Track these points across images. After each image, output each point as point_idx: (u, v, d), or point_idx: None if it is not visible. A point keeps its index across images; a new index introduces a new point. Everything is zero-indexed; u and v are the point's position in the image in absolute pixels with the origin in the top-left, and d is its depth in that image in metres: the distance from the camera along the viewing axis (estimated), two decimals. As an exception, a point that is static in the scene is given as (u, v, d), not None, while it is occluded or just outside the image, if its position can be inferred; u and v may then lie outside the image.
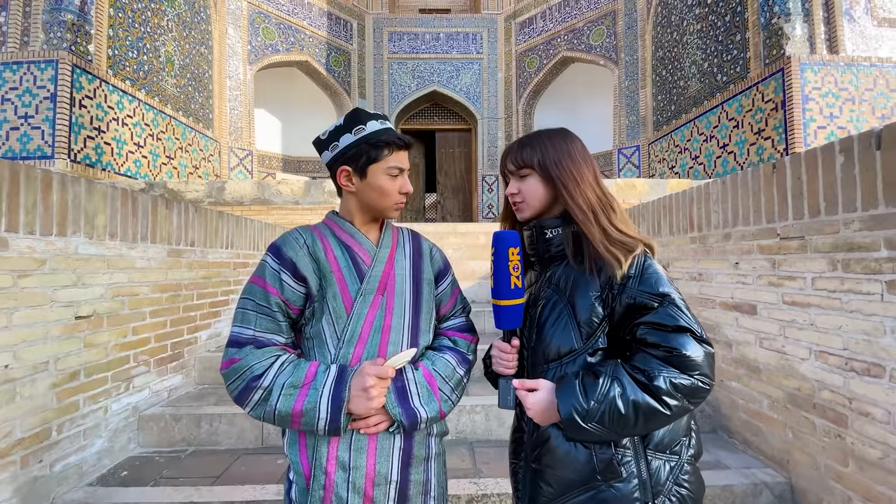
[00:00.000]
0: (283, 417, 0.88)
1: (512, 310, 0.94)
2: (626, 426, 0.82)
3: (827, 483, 1.70)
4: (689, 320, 0.84)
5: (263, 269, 0.98)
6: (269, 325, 0.95)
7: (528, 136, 1.04)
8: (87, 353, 1.98)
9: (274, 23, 9.90)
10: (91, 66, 6.16)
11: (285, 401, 0.88)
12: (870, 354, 1.52)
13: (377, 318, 0.99)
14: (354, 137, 1.00)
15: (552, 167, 0.97)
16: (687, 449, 0.91)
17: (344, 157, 1.01)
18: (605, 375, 0.84)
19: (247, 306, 0.96)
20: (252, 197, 5.95)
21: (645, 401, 0.80)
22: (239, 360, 0.91)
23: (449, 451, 2.18)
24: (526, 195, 1.01)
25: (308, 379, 0.90)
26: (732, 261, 2.20)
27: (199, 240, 2.79)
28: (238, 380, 0.90)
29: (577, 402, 0.82)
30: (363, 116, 1.02)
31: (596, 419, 0.81)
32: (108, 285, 2.07)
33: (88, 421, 2.00)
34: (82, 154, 6.02)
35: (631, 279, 0.88)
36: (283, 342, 0.97)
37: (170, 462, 2.15)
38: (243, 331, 0.94)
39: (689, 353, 0.81)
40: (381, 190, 1.02)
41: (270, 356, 0.92)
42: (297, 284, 0.97)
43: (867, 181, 1.51)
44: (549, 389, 0.87)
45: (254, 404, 0.89)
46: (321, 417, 0.88)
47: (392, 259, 1.05)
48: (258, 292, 0.96)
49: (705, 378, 0.82)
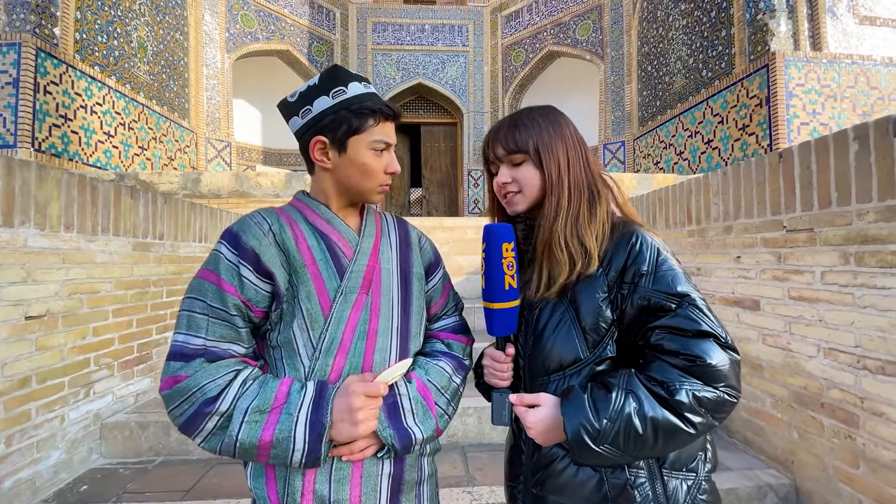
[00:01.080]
0: (248, 450, 0.70)
1: (506, 313, 0.82)
2: (643, 448, 0.70)
3: (835, 485, 1.63)
4: (713, 324, 0.73)
5: (217, 261, 0.77)
6: (225, 333, 0.75)
7: (519, 114, 0.90)
8: (39, 356, 1.79)
9: (253, 10, 9.57)
10: (57, 51, 5.83)
11: (250, 430, 0.69)
12: (884, 352, 1.45)
13: (361, 322, 0.81)
14: (332, 101, 0.82)
15: (545, 152, 0.84)
16: (704, 464, 0.80)
17: (318, 125, 0.83)
18: (618, 388, 0.72)
19: (195, 308, 0.75)
20: (230, 189, 5.70)
21: (665, 418, 0.68)
22: (186, 377, 0.71)
23: (441, 456, 2.06)
24: (523, 184, 0.86)
25: (279, 401, 0.71)
26: (734, 254, 2.12)
27: (169, 232, 2.59)
28: (185, 404, 0.70)
29: (587, 421, 0.69)
30: (344, 76, 0.85)
31: (609, 440, 0.69)
32: (63, 282, 1.88)
33: (42, 431, 1.81)
34: (47, 143, 5.69)
35: (644, 276, 0.76)
36: (243, 353, 0.78)
37: (136, 474, 1.97)
38: (191, 339, 0.73)
39: (714, 363, 0.70)
40: (363, 168, 0.84)
41: (228, 372, 0.73)
42: (260, 281, 0.78)
43: (884, 170, 1.43)
44: (552, 405, 0.75)
45: (207, 434, 0.70)
46: (297, 449, 0.70)
47: (377, 250, 0.88)
48: (210, 291, 0.76)
49: (732, 390, 0.71)
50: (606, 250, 0.80)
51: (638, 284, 0.76)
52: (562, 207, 0.82)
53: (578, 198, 0.83)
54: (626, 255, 0.78)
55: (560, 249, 0.80)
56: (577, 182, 0.84)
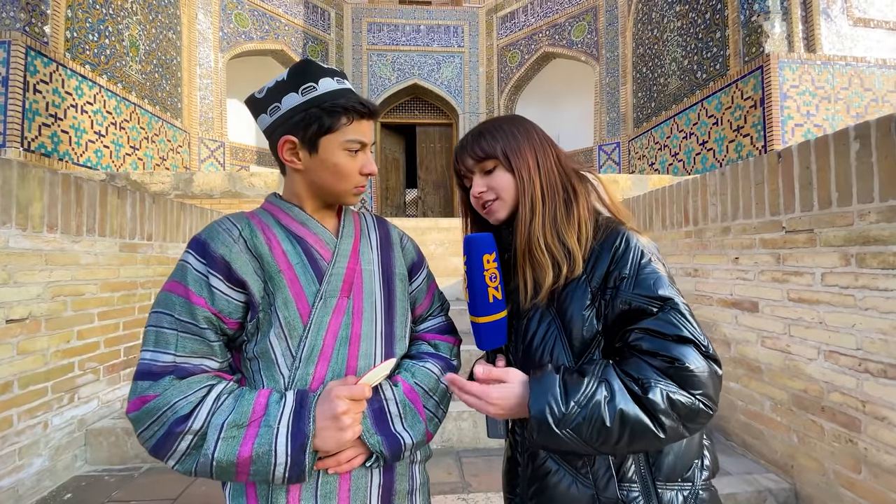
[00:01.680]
0: (225, 468, 0.65)
1: (494, 326, 0.78)
2: (605, 441, 0.65)
3: (836, 490, 1.61)
4: (694, 331, 0.69)
5: (184, 271, 0.72)
6: (197, 347, 0.70)
7: (483, 124, 0.87)
8: (21, 361, 1.73)
9: (247, 9, 9.51)
10: (47, 49, 5.75)
11: (227, 446, 0.64)
12: (886, 354, 1.42)
13: (343, 327, 0.77)
14: (302, 99, 0.77)
15: (513, 156, 0.82)
16: (701, 472, 0.76)
17: (287, 123, 0.78)
18: (592, 376, 0.68)
19: (162, 323, 0.70)
20: (222, 190, 5.63)
21: (636, 414, 0.64)
22: (155, 396, 0.66)
23: (435, 462, 2.02)
24: (498, 190, 0.83)
25: (257, 413, 0.67)
26: (732, 255, 2.09)
27: (158, 233, 2.54)
28: (155, 424, 0.65)
29: (555, 402, 0.65)
30: (314, 71, 0.79)
31: (572, 425, 0.64)
32: (46, 284, 1.83)
33: (24, 438, 1.76)
34: (37, 142, 5.61)
35: (625, 280, 0.73)
36: (217, 367, 0.73)
37: (121, 482, 1.92)
38: (159, 357, 0.68)
39: (693, 368, 0.66)
40: (335, 169, 0.79)
41: (200, 388, 0.68)
42: (232, 291, 0.73)
43: (886, 169, 1.40)
44: (520, 383, 0.71)
45: (180, 455, 0.65)
46: (279, 463, 0.65)
47: (357, 251, 0.84)
48: (178, 304, 0.71)
49: (709, 401, 0.67)
50: (591, 253, 0.77)
51: (619, 288, 0.73)
52: (536, 208, 0.79)
53: (553, 197, 0.80)
54: (609, 258, 0.75)
55: (541, 252, 0.76)
56: (549, 181, 0.81)
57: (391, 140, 11.72)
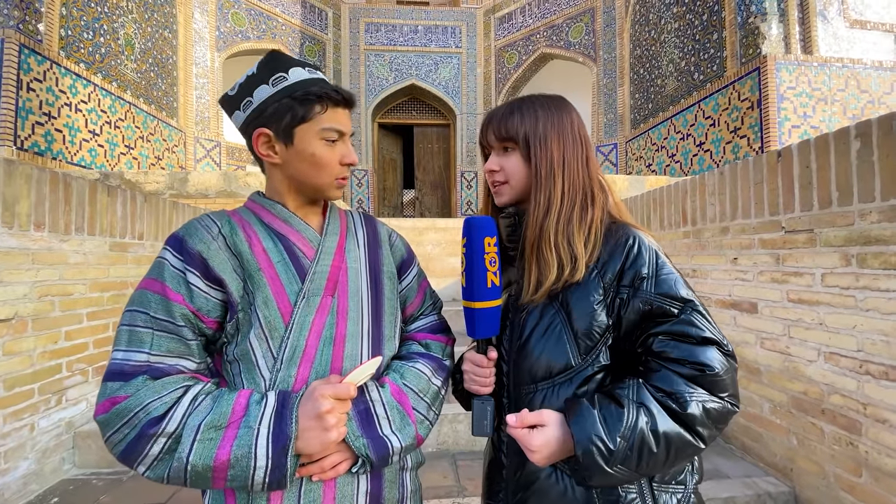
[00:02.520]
0: (201, 473, 0.61)
1: (488, 313, 0.75)
2: (654, 466, 0.65)
3: (836, 494, 1.58)
4: (715, 330, 0.70)
5: (161, 268, 0.69)
6: (173, 346, 0.67)
7: (519, 101, 0.84)
8: (7, 362, 1.69)
9: (244, 8, 9.47)
10: (41, 47, 5.71)
11: (203, 449, 0.60)
12: (888, 356, 1.40)
13: (327, 327, 0.74)
14: (273, 90, 0.75)
15: (536, 145, 0.78)
16: (692, 476, 0.76)
17: (261, 116, 0.76)
18: (629, 402, 0.66)
19: (136, 322, 0.66)
20: (218, 189, 5.59)
21: (678, 433, 0.64)
22: (126, 397, 0.62)
23: (430, 465, 1.98)
24: (509, 174, 0.81)
25: (237, 414, 0.63)
26: (730, 256, 2.07)
27: (150, 232, 2.50)
28: (125, 427, 0.61)
29: (600, 441, 0.63)
30: (285, 61, 0.77)
31: (621, 461, 0.63)
32: (33, 283, 1.79)
33: (10, 441, 1.71)
34: (30, 141, 5.55)
35: (645, 280, 0.72)
36: (193, 369, 0.69)
37: (109, 485, 1.88)
38: (132, 356, 0.64)
39: (719, 371, 0.66)
40: (314, 160, 0.76)
41: (176, 388, 0.64)
42: (210, 289, 0.70)
43: (888, 168, 1.39)
44: (556, 423, 0.68)
45: (152, 460, 0.61)
46: (259, 466, 0.61)
47: (342, 249, 0.81)
48: (154, 301, 0.67)
49: (734, 399, 0.68)
50: (601, 252, 0.75)
51: (639, 288, 0.71)
52: (553, 205, 0.76)
53: (573, 198, 0.78)
54: (623, 257, 0.73)
55: (550, 250, 0.74)
56: (572, 181, 0.78)
57: (389, 140, 11.69)
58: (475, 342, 0.80)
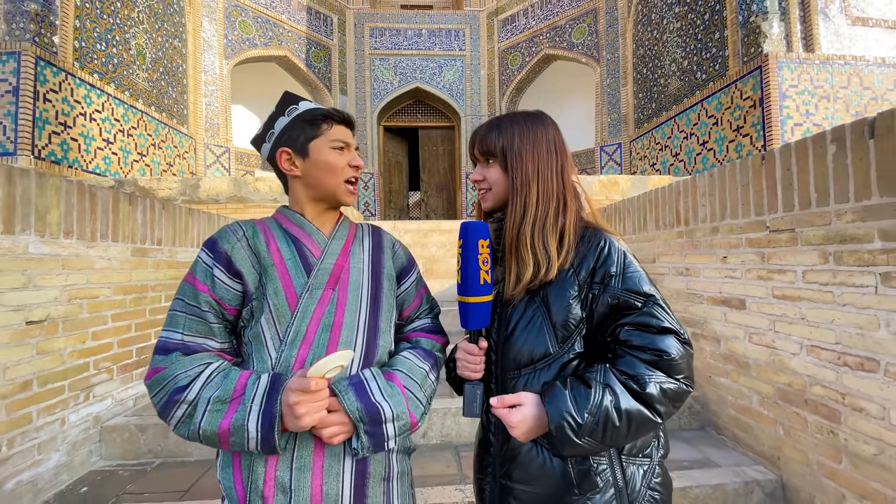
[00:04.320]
0: (210, 437, 0.76)
1: (480, 307, 0.86)
2: (617, 438, 0.75)
3: (819, 480, 1.67)
4: (673, 321, 0.80)
5: (196, 265, 0.86)
6: (199, 328, 0.83)
7: (499, 118, 0.95)
8: (40, 360, 1.83)
9: (251, 16, 9.65)
10: (56, 59, 5.88)
11: (211, 418, 0.75)
12: (863, 348, 1.48)
13: (326, 315, 0.86)
14: (289, 118, 0.93)
15: (512, 158, 0.89)
16: (657, 451, 0.86)
17: (282, 140, 0.93)
18: (596, 383, 0.76)
19: (176, 308, 0.84)
20: (228, 195, 5.74)
21: (638, 410, 0.75)
22: (163, 368, 0.79)
23: (434, 456, 2.09)
24: (492, 183, 0.93)
25: (237, 392, 0.77)
26: (720, 255, 2.16)
27: (167, 238, 2.64)
28: (161, 392, 0.78)
29: (570, 416, 0.74)
30: (296, 98, 0.96)
31: (589, 433, 0.74)
32: (63, 287, 1.92)
33: (43, 434, 1.85)
34: (47, 150, 5.74)
35: (613, 277, 0.82)
36: (217, 348, 0.85)
37: (134, 476, 2.00)
38: (171, 335, 0.82)
39: (676, 357, 0.77)
40: (327, 165, 0.92)
41: (199, 364, 0.80)
42: (230, 280, 0.85)
43: (860, 171, 1.47)
44: (533, 403, 0.78)
45: (177, 421, 0.77)
46: (251, 437, 0.75)
47: (347, 251, 0.94)
48: (188, 290, 0.85)
49: (688, 381, 0.79)
50: (577, 254, 0.85)
51: (608, 285, 0.82)
52: (529, 211, 0.87)
53: (546, 204, 0.87)
54: (595, 257, 0.84)
55: (526, 251, 0.84)
56: (546, 190, 0.88)
57: (394, 143, 11.82)
58: (468, 333, 0.90)
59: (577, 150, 11.58)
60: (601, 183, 6.48)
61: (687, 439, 2.24)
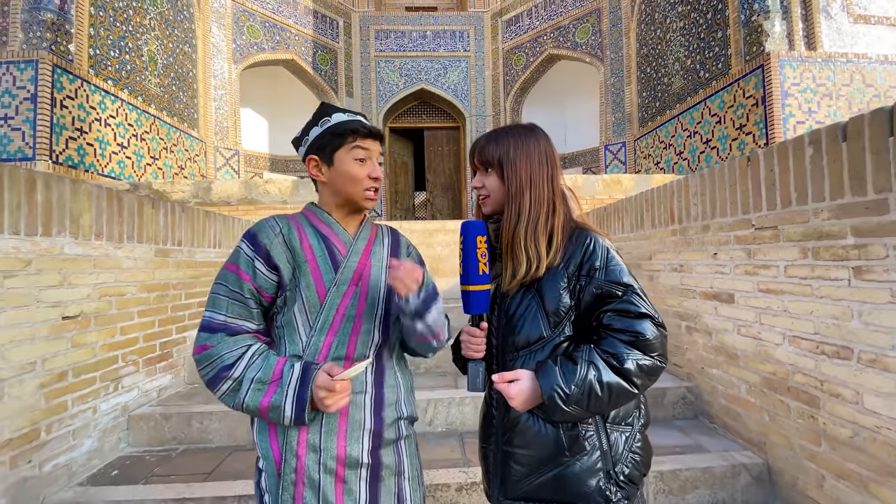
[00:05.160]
0: (252, 410, 0.91)
1: (480, 295, 0.98)
2: (600, 406, 0.88)
3: (801, 463, 1.77)
4: (649, 308, 0.92)
5: (238, 255, 0.98)
6: (241, 311, 0.96)
7: (496, 131, 1.07)
8: (74, 353, 1.98)
9: (259, 21, 9.83)
10: (72, 66, 6.07)
11: (254, 395, 0.90)
12: (839, 338, 1.59)
13: (349, 308, 1.00)
14: (321, 129, 1.04)
15: (508, 168, 1.01)
16: (638, 420, 0.99)
17: (312, 147, 1.05)
18: (582, 361, 0.89)
19: (219, 292, 0.97)
20: (239, 197, 5.91)
21: (617, 382, 0.87)
22: (211, 347, 0.93)
23: (439, 442, 2.23)
24: (490, 190, 1.05)
25: (276, 376, 0.91)
26: (711, 251, 2.26)
27: (186, 239, 2.79)
28: (209, 367, 0.92)
29: (559, 388, 0.86)
30: (330, 109, 1.06)
31: (576, 402, 0.86)
32: (94, 285, 2.07)
33: (77, 421, 2.00)
34: (64, 155, 5.93)
35: (598, 270, 0.94)
36: (255, 329, 0.98)
37: (161, 460, 2.15)
38: (215, 316, 0.95)
39: (651, 338, 0.89)
40: (348, 175, 1.02)
41: (241, 346, 0.94)
42: (269, 272, 0.98)
43: (834, 172, 1.57)
44: (529, 378, 0.91)
45: (223, 393, 0.92)
46: (286, 415, 0.90)
47: (369, 252, 1.07)
48: (231, 278, 0.97)
49: (662, 358, 0.91)
50: (566, 250, 0.98)
51: (593, 277, 0.95)
52: (523, 214, 0.99)
53: (538, 209, 1.00)
54: (582, 253, 0.97)
55: (520, 250, 0.97)
56: (538, 196, 1.00)
57: (399, 144, 11.95)
58: (471, 318, 1.03)
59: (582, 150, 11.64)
60: (604, 182, 6.57)
61: (680, 428, 2.35)
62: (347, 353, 1.00)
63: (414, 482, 1.07)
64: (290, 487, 0.93)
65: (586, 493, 0.92)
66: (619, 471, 0.94)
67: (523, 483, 0.97)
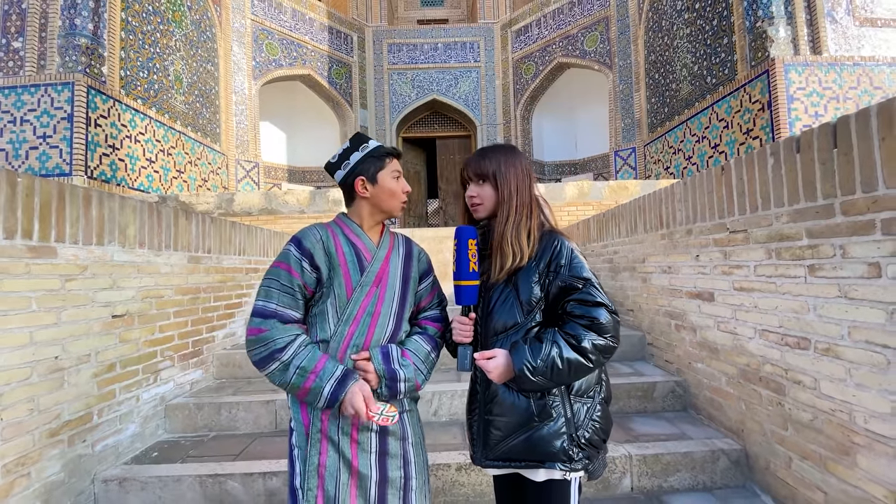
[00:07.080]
0: (294, 390, 1.12)
1: (470, 289, 1.20)
2: (561, 377, 1.09)
3: (773, 447, 1.93)
4: (604, 298, 1.13)
5: (288, 256, 1.19)
6: (290, 302, 1.17)
7: (485, 150, 1.30)
8: (121, 347, 2.25)
9: (277, 39, 10.27)
10: (105, 87, 6.48)
11: (298, 379, 1.10)
12: (798, 329, 1.76)
13: (370, 305, 1.21)
14: (362, 154, 1.27)
15: (501, 179, 1.24)
16: (598, 394, 1.20)
17: (357, 170, 1.26)
18: (547, 340, 1.10)
19: (272, 285, 1.17)
20: (260, 207, 6.25)
21: (576, 358, 1.08)
22: (265, 331, 1.12)
23: (442, 430, 2.44)
24: (483, 199, 1.27)
25: (318, 368, 1.11)
26: (694, 254, 2.44)
27: (215, 247, 3.07)
28: (262, 348, 1.11)
29: (528, 362, 1.07)
30: (364, 138, 1.31)
31: (541, 373, 1.07)
32: (138, 288, 2.35)
33: (123, 408, 2.27)
34: (98, 171, 6.34)
35: (563, 267, 1.15)
36: (298, 318, 1.19)
37: (195, 444, 2.41)
38: (268, 304, 1.15)
39: (604, 322, 1.10)
40: (390, 191, 1.26)
41: (291, 334, 1.14)
42: (312, 271, 1.20)
43: (791, 180, 1.75)
44: (504, 355, 1.12)
45: (271, 371, 1.11)
46: (321, 403, 1.12)
47: (388, 258, 1.28)
48: (283, 274, 1.18)
49: (614, 339, 1.11)
50: (538, 250, 1.20)
51: (559, 273, 1.16)
52: (511, 217, 1.21)
53: (521, 212, 1.22)
54: (551, 253, 1.19)
55: (508, 245, 1.19)
56: (521, 202, 1.23)
57: (412, 154, 12.25)
58: (462, 309, 1.24)
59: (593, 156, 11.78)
60: (611, 188, 6.72)
61: (668, 419, 2.51)
62: (366, 342, 1.22)
63: (417, 447, 1.28)
64: (316, 444, 1.17)
65: (552, 452, 1.13)
66: (581, 435, 1.14)
67: (501, 445, 1.18)
